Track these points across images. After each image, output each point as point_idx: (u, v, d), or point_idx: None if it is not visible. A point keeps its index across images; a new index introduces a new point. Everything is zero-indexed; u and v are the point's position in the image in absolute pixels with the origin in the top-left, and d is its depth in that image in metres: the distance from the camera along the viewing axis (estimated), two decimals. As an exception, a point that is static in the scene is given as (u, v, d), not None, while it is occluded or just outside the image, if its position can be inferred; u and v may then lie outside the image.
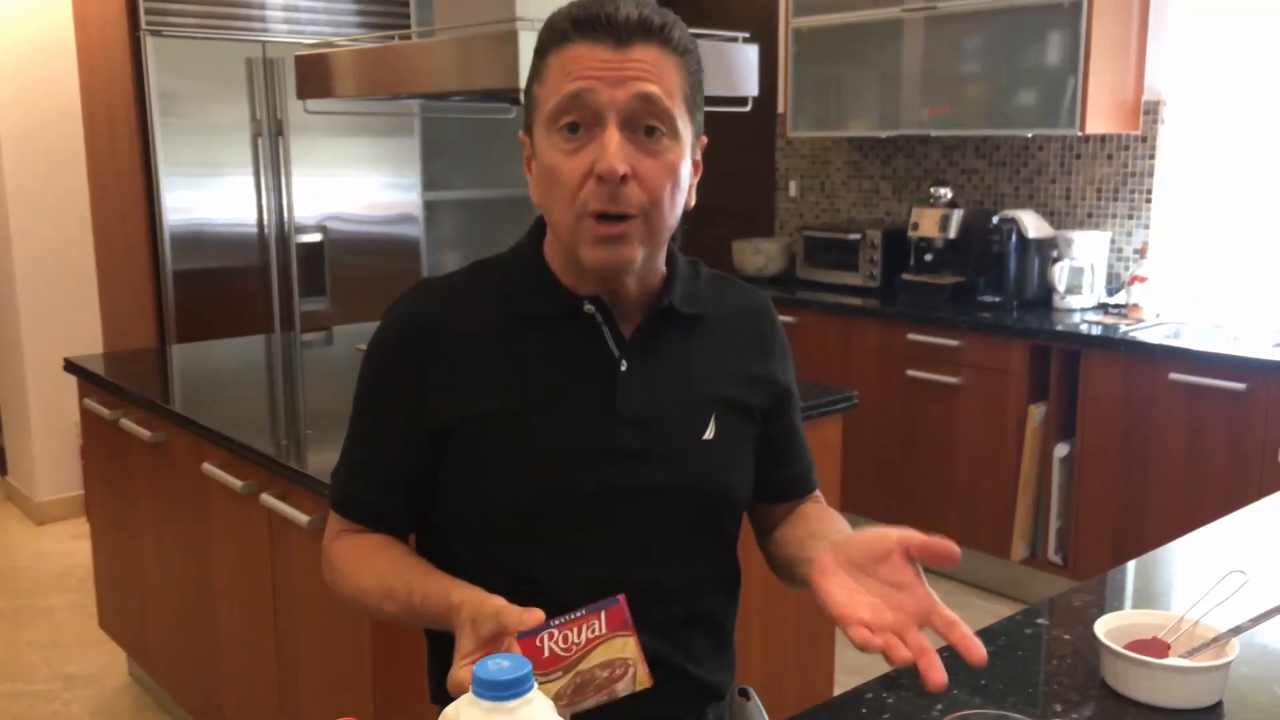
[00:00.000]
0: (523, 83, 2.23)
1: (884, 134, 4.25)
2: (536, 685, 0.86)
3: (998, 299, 3.85)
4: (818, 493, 1.39)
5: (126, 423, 2.63)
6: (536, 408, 1.16)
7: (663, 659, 1.19)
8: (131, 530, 2.82)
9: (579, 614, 0.95)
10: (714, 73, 2.59)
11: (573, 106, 1.08)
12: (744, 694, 1.09)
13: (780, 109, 4.62)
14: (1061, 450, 3.48)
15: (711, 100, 2.76)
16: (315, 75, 2.76)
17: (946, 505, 3.76)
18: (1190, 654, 1.18)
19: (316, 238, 4.21)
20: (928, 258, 4.09)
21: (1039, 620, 1.37)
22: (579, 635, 0.95)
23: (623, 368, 1.18)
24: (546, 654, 0.94)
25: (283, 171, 4.07)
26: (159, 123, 3.83)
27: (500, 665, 0.72)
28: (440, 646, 1.25)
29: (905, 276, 4.12)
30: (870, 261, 4.23)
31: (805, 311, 4.11)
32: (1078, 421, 3.42)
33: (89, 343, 4.32)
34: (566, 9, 1.11)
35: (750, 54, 2.61)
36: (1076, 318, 3.63)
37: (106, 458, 2.90)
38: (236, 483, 2.16)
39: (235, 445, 2.16)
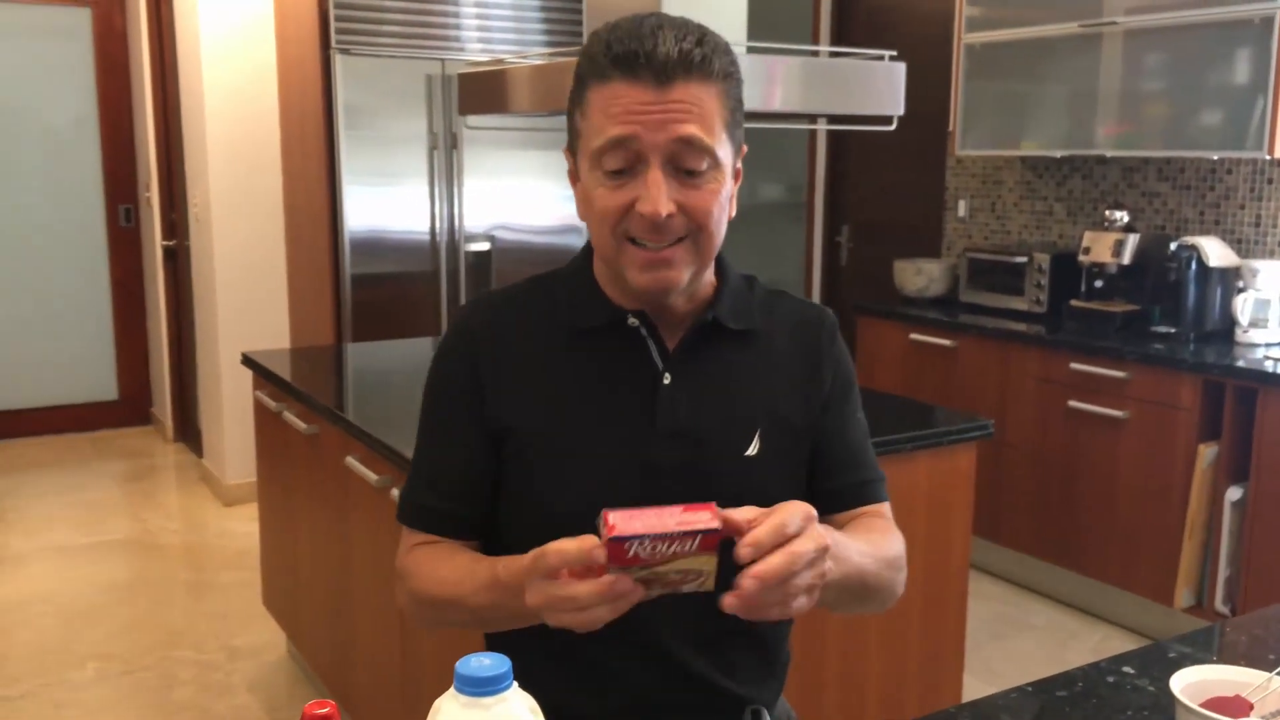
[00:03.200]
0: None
1: (1057, 153, 4.10)
2: (610, 572, 0.91)
3: (1173, 330, 3.64)
4: (882, 506, 1.32)
5: (288, 415, 2.82)
6: (580, 420, 1.19)
7: (698, 673, 1.20)
8: (289, 515, 3.02)
9: (674, 528, 0.93)
10: (859, 91, 2.59)
11: (615, 149, 1.09)
12: (756, 715, 1.09)
13: (951, 127, 4.51)
14: (1234, 494, 3.26)
15: (856, 119, 2.75)
16: (475, 92, 2.89)
17: (1106, 545, 3.58)
18: (1273, 716, 1.11)
19: (485, 246, 4.39)
20: (1098, 284, 3.91)
21: (1125, 669, 1.31)
22: (668, 548, 0.94)
23: (665, 381, 1.20)
24: (630, 555, 0.94)
25: (455, 182, 4.27)
26: (343, 134, 4.08)
27: (482, 663, 0.76)
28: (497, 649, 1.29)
29: (1074, 303, 3.95)
30: (1037, 286, 4.08)
31: (964, 336, 4.00)
32: (1252, 464, 3.19)
33: (278, 338, 4.63)
34: (605, 38, 1.11)
35: (897, 72, 2.57)
36: (1259, 353, 3.39)
37: (272, 447, 3.12)
38: (372, 476, 2.29)
39: (372, 440, 2.28)
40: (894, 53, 2.57)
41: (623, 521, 0.93)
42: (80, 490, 4.92)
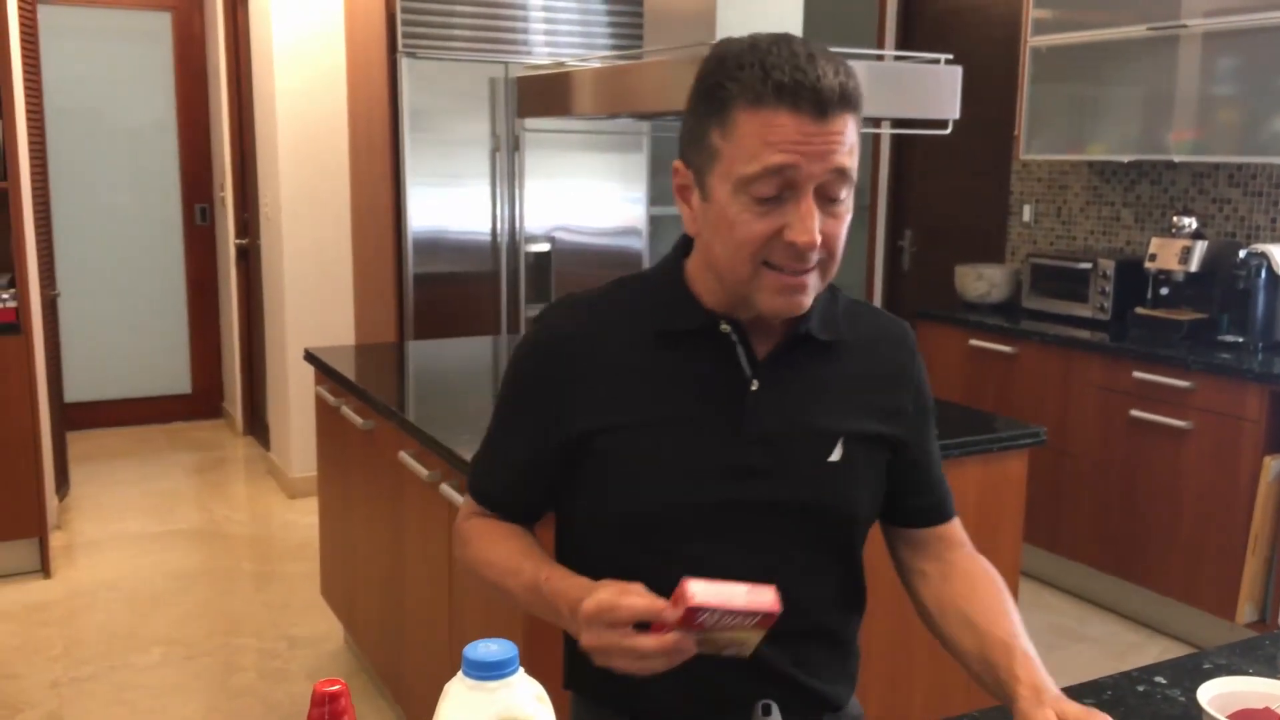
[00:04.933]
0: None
1: (1125, 158, 4.03)
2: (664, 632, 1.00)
3: (1240, 339, 3.56)
4: (955, 522, 1.39)
5: (346, 410, 2.89)
6: (667, 422, 1.22)
7: (779, 670, 1.23)
8: (347, 509, 3.09)
9: (742, 606, 1.01)
10: (915, 95, 2.58)
11: (773, 177, 1.08)
12: (766, 710, 1.10)
13: (1016, 131, 4.45)
14: (1301, 508, 3.18)
15: (912, 123, 2.73)
16: (533, 95, 2.94)
17: (1167, 557, 3.51)
18: (1302, 731, 1.09)
19: (545, 247, 4.44)
20: (1164, 291, 3.83)
21: (1156, 678, 1.30)
22: (730, 620, 1.02)
23: (754, 387, 1.22)
24: (698, 622, 1.01)
25: (516, 184, 4.32)
26: (408, 136, 4.16)
27: (489, 649, 0.78)
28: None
29: (1139, 311, 3.88)
30: (1101, 293, 4.01)
31: (1024, 342, 3.95)
32: (1321, 478, 3.12)
33: (343, 335, 4.73)
34: (759, 63, 1.08)
35: (953, 76, 2.55)
36: (1331, 364, 3.31)
37: (331, 441, 3.19)
38: (423, 471, 2.34)
39: (425, 437, 2.33)
40: (950, 56, 2.55)
41: (702, 592, 1.00)
42: (152, 480, 5.08)
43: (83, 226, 5.69)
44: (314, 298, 4.72)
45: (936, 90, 2.55)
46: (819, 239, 1.10)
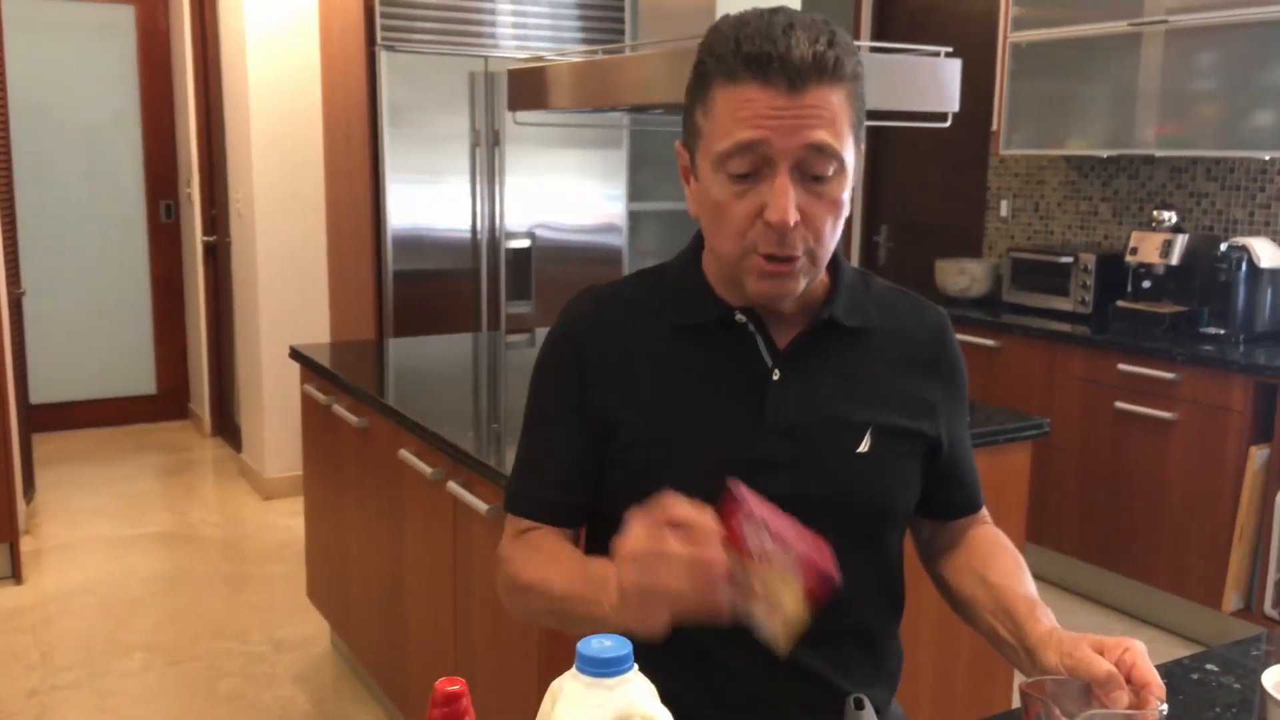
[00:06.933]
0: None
1: (1104, 153, 4.06)
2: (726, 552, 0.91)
3: (1222, 331, 3.60)
4: (983, 512, 1.38)
5: (338, 408, 2.83)
6: (688, 415, 1.19)
7: (809, 669, 1.19)
8: (338, 508, 3.03)
9: (794, 538, 0.94)
10: (914, 88, 2.57)
11: (744, 154, 1.06)
12: (859, 704, 1.08)
13: (994, 126, 4.48)
14: (1285, 497, 3.23)
15: (910, 115, 2.73)
16: (525, 89, 2.89)
17: (1154, 548, 3.55)
18: (1370, 715, 1.09)
19: (525, 244, 4.39)
20: (1146, 285, 3.87)
21: (1208, 666, 1.30)
22: (775, 554, 0.94)
23: (774, 377, 1.19)
24: (742, 536, 0.94)
25: (497, 180, 4.27)
26: (387, 132, 4.09)
27: (604, 644, 0.75)
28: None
29: (1120, 304, 3.92)
30: (1082, 286, 4.04)
31: (1008, 336, 3.97)
32: (1305, 467, 3.16)
33: (318, 334, 4.65)
34: (734, 36, 1.07)
35: (952, 69, 2.55)
36: (1311, 355, 3.36)
37: (320, 440, 3.13)
38: (426, 469, 2.29)
39: (428, 434, 2.29)
40: (950, 49, 2.55)
41: (749, 499, 0.94)
42: (120, 483, 4.96)
43: (44, 224, 5.55)
44: (288, 296, 4.63)
45: (936, 84, 2.55)
46: (794, 218, 1.06)
